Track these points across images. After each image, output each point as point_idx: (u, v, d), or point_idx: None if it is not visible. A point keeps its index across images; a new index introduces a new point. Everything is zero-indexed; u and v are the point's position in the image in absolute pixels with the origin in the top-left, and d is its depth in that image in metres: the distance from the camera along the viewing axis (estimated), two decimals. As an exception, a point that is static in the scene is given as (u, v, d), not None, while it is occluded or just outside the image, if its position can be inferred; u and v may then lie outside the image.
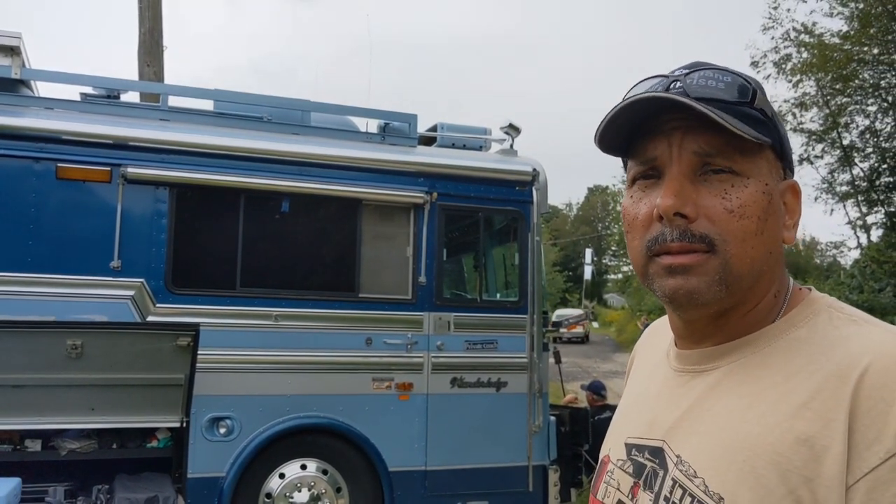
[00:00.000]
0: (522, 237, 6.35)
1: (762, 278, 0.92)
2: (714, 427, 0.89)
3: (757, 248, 0.89)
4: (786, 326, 0.91)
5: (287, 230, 5.82)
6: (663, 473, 0.93)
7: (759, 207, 0.89)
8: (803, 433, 0.81)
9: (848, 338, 0.85)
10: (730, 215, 0.88)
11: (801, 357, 0.87)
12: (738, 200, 0.88)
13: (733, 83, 0.89)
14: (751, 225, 0.88)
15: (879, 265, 20.78)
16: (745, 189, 0.88)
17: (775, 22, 23.93)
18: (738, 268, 0.89)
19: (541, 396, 6.15)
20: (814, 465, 0.79)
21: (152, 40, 9.26)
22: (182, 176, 5.39)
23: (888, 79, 23.19)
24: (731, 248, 0.88)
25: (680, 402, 0.97)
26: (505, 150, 6.57)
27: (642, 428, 1.01)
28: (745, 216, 0.88)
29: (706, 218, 0.88)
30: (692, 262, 0.89)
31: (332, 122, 6.21)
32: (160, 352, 5.03)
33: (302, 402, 5.55)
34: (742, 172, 0.89)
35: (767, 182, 0.90)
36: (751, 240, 0.88)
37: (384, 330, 5.81)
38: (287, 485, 5.52)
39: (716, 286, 0.89)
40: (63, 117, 5.28)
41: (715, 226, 0.88)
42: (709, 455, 0.88)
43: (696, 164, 0.90)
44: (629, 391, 1.14)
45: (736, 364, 0.92)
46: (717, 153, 0.89)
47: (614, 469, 1.04)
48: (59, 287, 5.07)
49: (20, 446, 5.00)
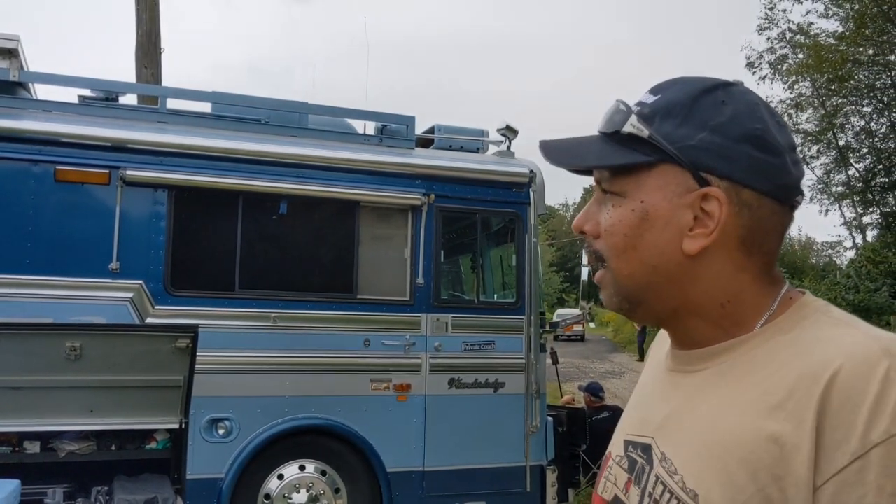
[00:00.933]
0: (520, 238, 6.37)
1: (662, 290, 0.96)
2: (695, 425, 0.92)
3: (630, 262, 0.96)
4: (773, 331, 0.93)
5: (285, 232, 5.84)
6: (649, 469, 0.97)
7: (625, 225, 0.95)
8: (775, 432, 0.82)
9: (826, 340, 0.87)
10: (606, 233, 0.98)
11: (781, 359, 0.88)
12: (609, 220, 0.97)
13: (609, 116, 0.98)
14: (618, 242, 0.96)
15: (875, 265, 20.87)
16: (618, 209, 0.97)
17: (771, 23, 24.02)
18: (622, 280, 0.98)
19: (538, 397, 6.17)
20: (783, 465, 0.81)
21: (150, 43, 9.27)
22: (180, 178, 5.41)
23: (883, 80, 23.27)
24: (612, 263, 0.98)
25: (669, 401, 1.00)
26: (502, 151, 6.59)
27: (637, 425, 1.05)
28: (612, 234, 0.97)
29: (601, 236, 0.99)
30: (598, 280, 1.01)
31: (330, 125, 6.23)
32: (159, 353, 5.04)
33: (300, 403, 5.57)
34: (620, 193, 0.97)
35: (643, 199, 0.94)
36: (622, 255, 0.96)
37: (382, 331, 5.83)
38: (286, 486, 5.53)
39: (615, 297, 0.99)
40: (61, 120, 5.29)
41: (603, 242, 0.99)
42: (687, 453, 0.91)
43: (599, 188, 1.01)
44: (636, 390, 1.17)
45: (723, 366, 0.94)
46: (603, 179, 0.99)
47: (613, 465, 1.07)
48: (57, 289, 5.08)
49: (19, 448, 5.02)
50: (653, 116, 0.95)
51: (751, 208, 0.93)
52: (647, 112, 0.95)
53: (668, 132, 0.93)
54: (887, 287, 19.64)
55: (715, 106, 0.94)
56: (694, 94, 0.95)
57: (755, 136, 0.93)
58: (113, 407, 5.04)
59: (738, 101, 0.95)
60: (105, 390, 5.00)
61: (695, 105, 0.94)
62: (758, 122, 0.94)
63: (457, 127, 6.66)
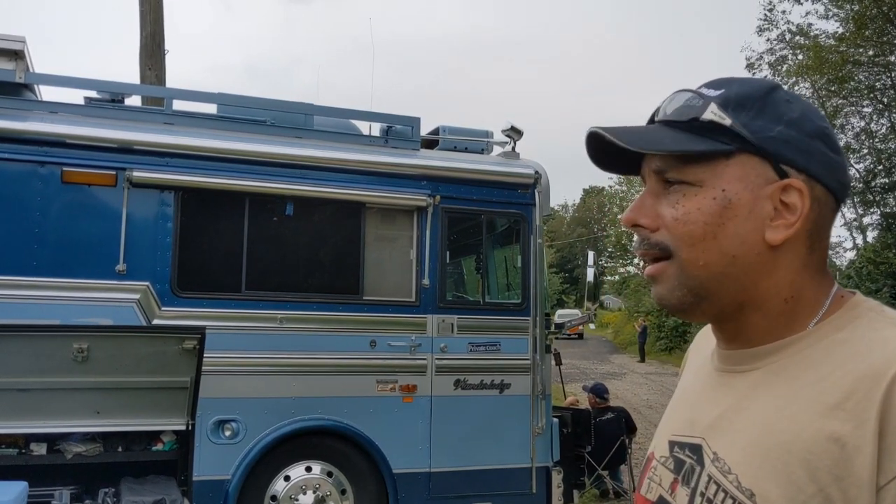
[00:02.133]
0: (525, 239, 6.38)
1: (730, 281, 0.95)
2: (749, 425, 0.92)
3: (708, 252, 0.94)
4: (827, 330, 0.93)
5: (291, 233, 5.84)
6: (700, 469, 0.96)
7: (706, 213, 0.94)
8: (835, 433, 0.82)
9: (886, 340, 0.87)
10: (676, 223, 0.95)
11: (837, 358, 0.88)
12: (684, 208, 0.95)
13: (683, 104, 0.97)
14: (697, 229, 0.94)
15: (876, 266, 20.85)
16: (695, 197, 0.95)
17: (770, 24, 24.01)
18: (693, 271, 0.95)
19: (544, 398, 6.18)
20: (845, 465, 0.81)
21: (154, 44, 9.28)
22: (187, 179, 5.41)
23: (883, 80, 23.27)
24: (683, 253, 0.95)
25: (720, 401, 0.99)
26: (507, 152, 6.60)
27: (684, 425, 1.04)
28: (690, 222, 0.94)
29: (664, 227, 0.96)
30: (655, 273, 0.98)
31: (335, 126, 6.23)
32: (166, 355, 5.03)
33: (307, 404, 5.57)
34: (695, 182, 0.95)
35: (724, 188, 0.94)
36: (699, 244, 0.94)
37: (388, 332, 5.83)
38: (292, 487, 5.54)
39: (677, 291, 0.96)
40: (68, 121, 5.29)
41: (669, 233, 0.96)
42: (743, 452, 0.90)
43: (658, 179, 0.98)
44: (677, 391, 1.17)
45: (776, 365, 0.94)
46: (668, 168, 0.96)
47: (657, 465, 1.06)
48: (64, 291, 5.08)
49: (26, 450, 5.00)
50: (727, 106, 0.95)
51: (819, 203, 0.95)
52: (722, 102, 0.95)
53: (745, 122, 0.94)
54: (888, 288, 19.62)
55: (784, 102, 0.95)
56: (764, 90, 0.96)
57: (825, 134, 0.95)
58: (120, 408, 5.03)
59: (801, 101, 0.97)
60: (112, 392, 5.00)
61: (768, 99, 0.95)
62: (823, 120, 0.97)
63: (461, 128, 6.67)
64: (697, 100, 0.96)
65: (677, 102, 0.98)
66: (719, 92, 0.96)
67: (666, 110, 0.99)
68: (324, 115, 6.20)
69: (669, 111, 0.99)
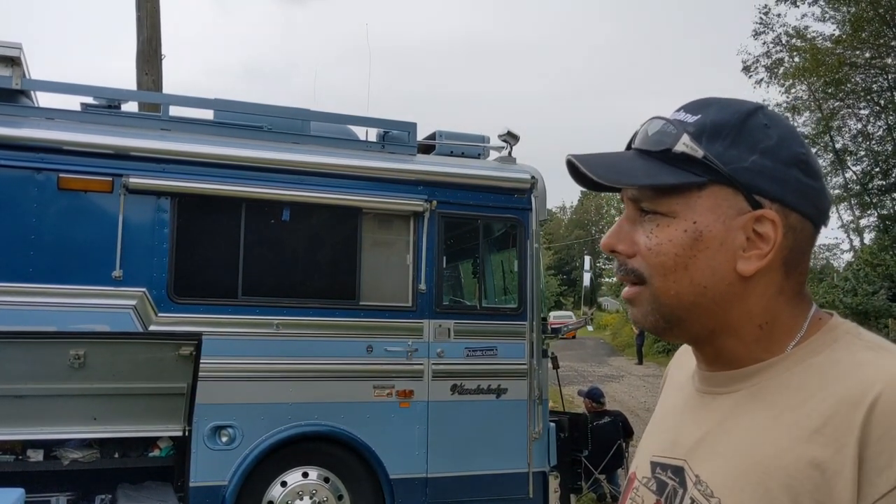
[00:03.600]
0: (521, 244, 6.39)
1: (702, 310, 0.95)
2: (731, 449, 0.92)
3: (679, 282, 0.95)
4: (805, 353, 0.94)
5: (288, 239, 5.85)
6: (682, 492, 0.97)
7: (676, 245, 0.94)
8: (816, 458, 0.83)
9: (862, 364, 0.88)
10: (649, 252, 0.96)
11: (816, 382, 0.89)
12: (657, 239, 0.96)
13: (656, 133, 0.97)
14: (666, 261, 0.95)
15: (873, 268, 20.87)
16: (667, 228, 0.95)
17: (766, 27, 24.05)
18: (664, 299, 0.96)
19: (541, 403, 6.19)
20: (825, 490, 0.82)
21: (151, 49, 9.28)
22: (183, 185, 5.42)
23: (880, 82, 23.30)
24: (655, 282, 0.96)
25: (701, 423, 0.99)
26: (503, 157, 6.61)
27: (666, 446, 1.04)
28: (661, 253, 0.95)
29: (639, 255, 0.97)
30: (631, 296, 1.00)
31: (332, 131, 6.24)
32: (162, 361, 5.04)
33: (303, 409, 5.58)
34: (668, 213, 0.95)
35: (696, 220, 0.94)
36: (671, 275, 0.95)
37: (385, 337, 5.84)
38: (289, 493, 5.54)
39: (651, 315, 0.98)
40: (64, 128, 5.30)
41: (643, 261, 0.97)
42: (725, 476, 0.91)
43: (634, 207, 0.99)
44: (658, 409, 1.17)
45: (756, 388, 0.95)
46: (644, 198, 0.97)
47: (639, 486, 1.06)
48: (61, 297, 5.08)
49: (23, 456, 5.01)
50: (700, 136, 0.95)
51: (795, 231, 0.95)
52: (694, 132, 0.95)
53: (719, 153, 0.94)
54: (885, 290, 19.65)
55: (761, 129, 0.95)
56: (740, 116, 0.95)
57: (802, 161, 0.95)
58: (116, 415, 5.03)
59: (780, 125, 0.96)
60: (108, 398, 5.00)
61: (743, 127, 0.94)
62: (801, 146, 0.96)
63: (458, 133, 6.68)
64: (671, 128, 0.96)
65: (652, 129, 0.98)
66: (696, 118, 0.96)
67: (641, 138, 1.00)
68: (321, 121, 6.21)
69: (644, 140, 0.99)
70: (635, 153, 0.99)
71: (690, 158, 0.94)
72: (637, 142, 1.00)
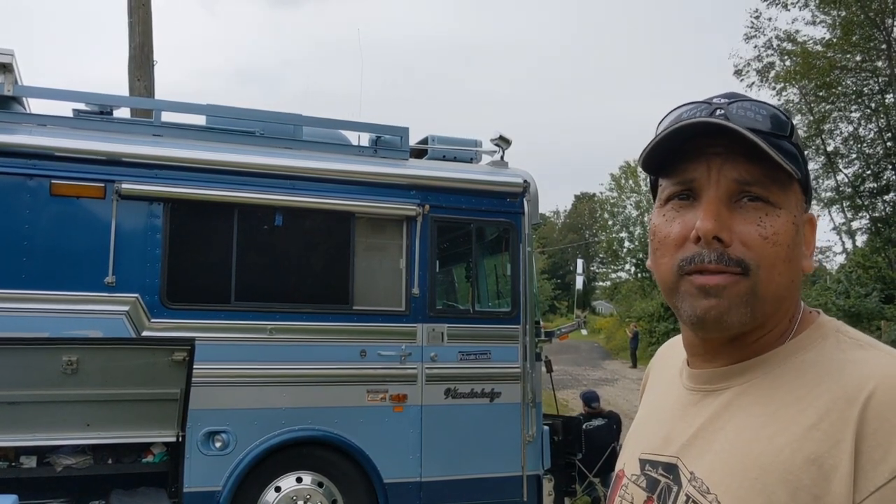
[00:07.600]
0: (514, 248, 6.41)
1: (783, 304, 0.97)
2: (727, 445, 0.94)
3: (783, 274, 0.94)
4: (794, 349, 0.96)
5: (281, 244, 5.85)
6: (677, 489, 0.98)
7: (789, 236, 0.94)
8: (812, 453, 0.85)
9: (855, 362, 0.91)
10: (764, 241, 0.93)
11: (810, 379, 0.92)
12: (772, 228, 0.93)
13: (772, 116, 0.94)
14: (781, 252, 0.93)
15: (865, 270, 20.97)
16: (778, 218, 0.94)
17: (757, 31, 24.17)
18: (764, 292, 0.93)
19: (534, 406, 6.20)
20: (823, 484, 0.84)
21: (143, 55, 9.28)
22: (176, 191, 5.42)
23: (871, 85, 23.43)
24: (761, 273, 0.93)
25: (693, 420, 1.01)
26: (495, 161, 6.63)
27: (657, 444, 1.05)
28: (778, 243, 0.93)
29: (741, 243, 0.93)
30: (725, 283, 0.93)
31: (324, 136, 6.25)
32: (155, 367, 5.05)
33: (297, 414, 5.57)
34: (775, 203, 0.94)
35: (795, 213, 0.96)
36: (780, 266, 0.94)
37: (378, 342, 5.84)
38: (283, 498, 5.53)
39: (742, 308, 0.93)
40: (56, 134, 5.30)
41: (750, 251, 0.93)
42: (721, 472, 0.92)
43: (733, 190, 0.94)
44: (643, 408, 1.18)
45: (747, 384, 0.97)
46: (754, 182, 0.94)
47: (628, 483, 1.08)
48: (53, 303, 5.07)
49: (16, 463, 5.00)
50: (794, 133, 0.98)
51: None
52: (793, 127, 0.98)
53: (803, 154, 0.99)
54: (877, 292, 19.73)
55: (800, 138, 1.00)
56: (790, 122, 0.98)
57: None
58: (110, 421, 5.03)
59: None
60: (102, 404, 5.00)
61: (795, 129, 0.98)
62: None
63: (450, 137, 6.70)
64: (785, 119, 0.96)
65: (758, 112, 0.95)
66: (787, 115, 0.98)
67: (740, 114, 0.94)
68: (313, 126, 6.22)
69: (751, 117, 0.94)
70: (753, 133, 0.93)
71: (791, 151, 0.95)
72: (739, 119, 0.94)
